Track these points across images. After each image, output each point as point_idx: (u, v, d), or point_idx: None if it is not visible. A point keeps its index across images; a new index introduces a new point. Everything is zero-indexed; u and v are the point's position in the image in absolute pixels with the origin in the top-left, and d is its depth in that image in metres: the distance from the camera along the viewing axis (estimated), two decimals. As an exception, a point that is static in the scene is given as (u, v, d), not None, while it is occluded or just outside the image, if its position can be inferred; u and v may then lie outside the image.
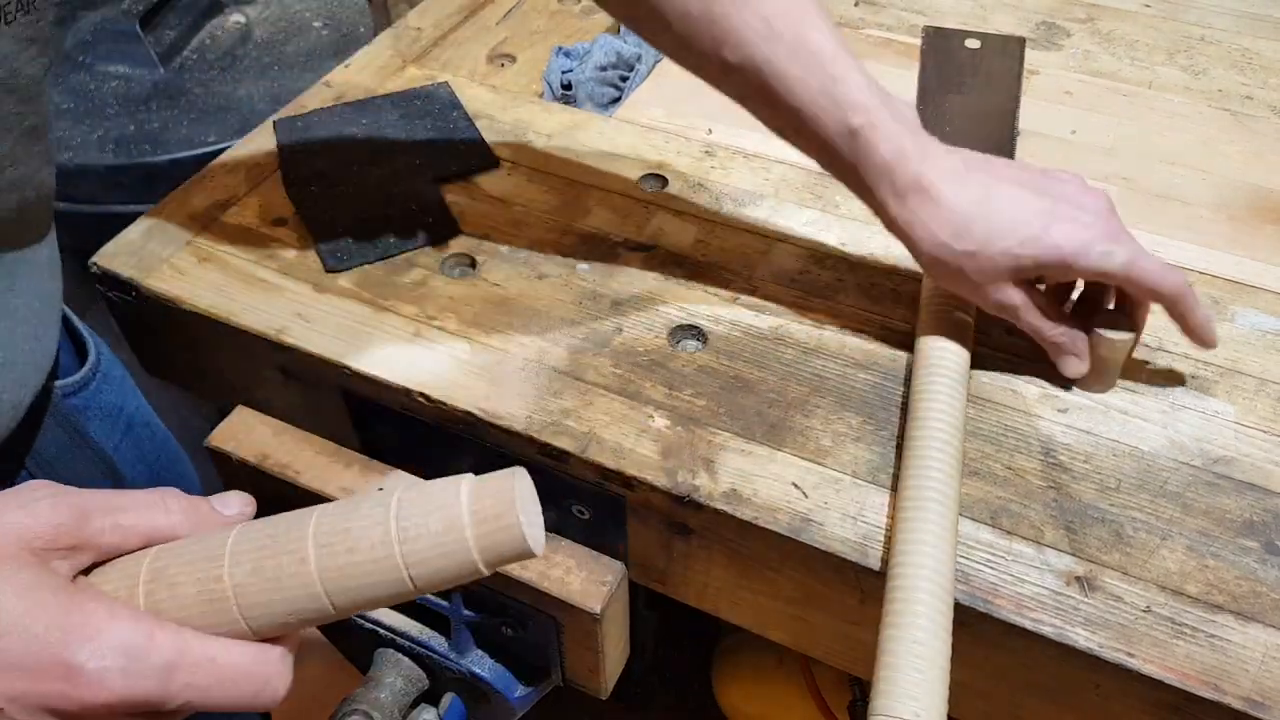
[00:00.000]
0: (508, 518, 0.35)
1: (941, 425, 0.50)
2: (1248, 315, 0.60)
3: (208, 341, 0.62)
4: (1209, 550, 0.48)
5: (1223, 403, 0.55)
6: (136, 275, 0.62)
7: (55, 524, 0.36)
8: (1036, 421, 0.54)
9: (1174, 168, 0.70)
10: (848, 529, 0.49)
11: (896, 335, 0.59)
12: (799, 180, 0.69)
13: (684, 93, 0.77)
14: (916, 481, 0.48)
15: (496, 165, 0.70)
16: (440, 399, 0.55)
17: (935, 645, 0.43)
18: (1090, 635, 0.45)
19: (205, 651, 0.35)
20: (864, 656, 0.53)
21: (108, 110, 1.12)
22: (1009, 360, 0.57)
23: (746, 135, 0.73)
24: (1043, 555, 0.48)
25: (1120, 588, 0.47)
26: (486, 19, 0.85)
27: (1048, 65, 0.79)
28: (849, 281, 0.62)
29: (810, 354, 0.58)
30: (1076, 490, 0.51)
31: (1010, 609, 0.46)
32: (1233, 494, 0.51)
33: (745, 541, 0.51)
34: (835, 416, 0.54)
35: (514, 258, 0.63)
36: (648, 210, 0.67)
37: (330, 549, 0.36)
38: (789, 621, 0.55)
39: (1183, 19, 0.84)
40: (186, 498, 0.40)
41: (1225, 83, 0.77)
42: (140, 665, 0.34)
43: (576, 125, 0.74)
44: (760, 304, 0.60)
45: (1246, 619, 0.46)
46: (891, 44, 0.82)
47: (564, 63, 0.80)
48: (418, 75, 0.79)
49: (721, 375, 0.56)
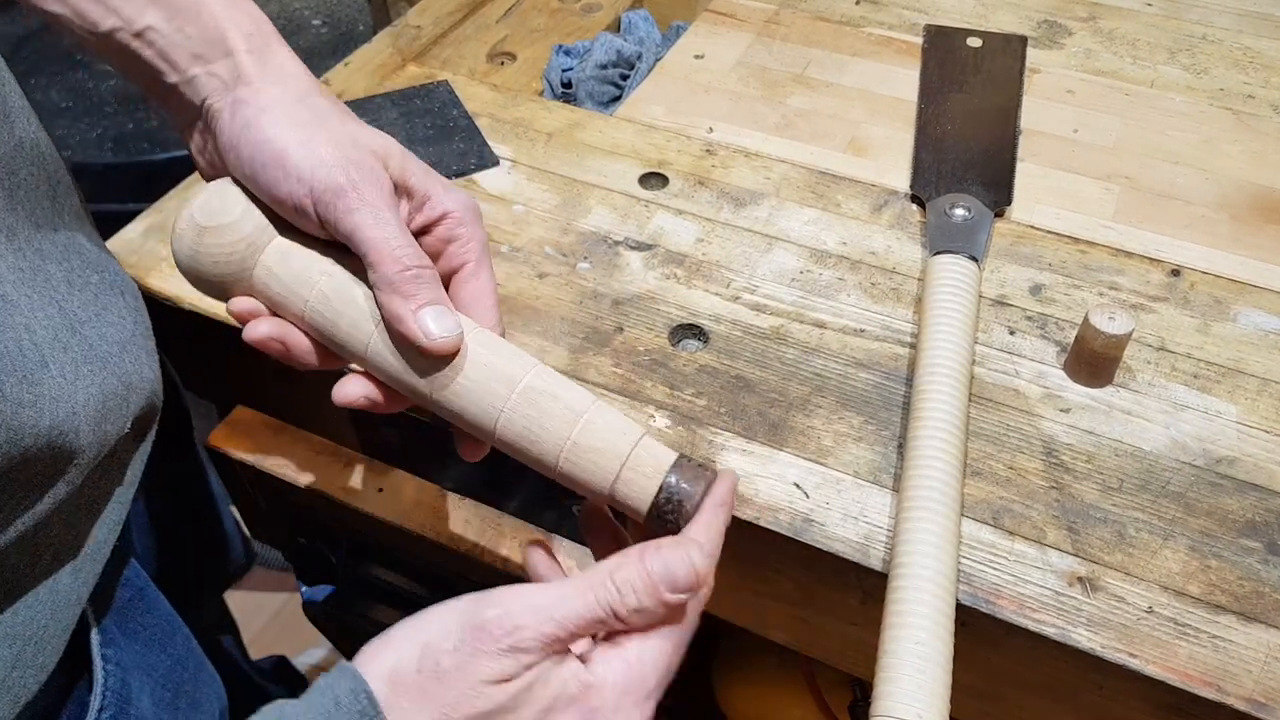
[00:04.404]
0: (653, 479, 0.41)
1: (943, 425, 0.50)
2: (1250, 315, 0.60)
3: (207, 341, 0.62)
4: (1211, 551, 0.48)
5: (1225, 403, 0.55)
6: (136, 274, 0.62)
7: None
8: (1038, 421, 0.54)
9: (1176, 167, 0.70)
10: (849, 529, 0.49)
11: (897, 335, 0.58)
12: (800, 179, 0.69)
13: (685, 92, 0.77)
14: (918, 482, 0.48)
15: (496, 164, 0.70)
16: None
17: (937, 646, 0.42)
18: (1092, 636, 0.45)
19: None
20: (865, 657, 0.53)
21: (106, 109, 1.12)
22: (1011, 360, 0.57)
23: (747, 134, 0.73)
24: (1045, 556, 0.48)
25: (1122, 588, 0.47)
26: (487, 17, 0.85)
27: (1049, 64, 0.79)
28: (850, 281, 0.62)
29: (811, 354, 0.57)
30: (1079, 490, 0.51)
31: (1012, 610, 0.46)
32: (1235, 494, 0.51)
33: (746, 542, 0.51)
34: (836, 416, 0.54)
35: (514, 256, 0.63)
36: (648, 209, 0.67)
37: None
38: (790, 622, 0.54)
39: (1185, 18, 0.84)
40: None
41: (1227, 82, 0.77)
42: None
43: (577, 124, 0.74)
44: (761, 303, 0.60)
45: (1249, 619, 0.46)
46: (893, 42, 0.82)
47: (564, 61, 0.80)
48: (417, 74, 0.78)
49: (722, 375, 0.56)
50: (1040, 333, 0.59)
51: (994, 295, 0.61)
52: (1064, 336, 0.58)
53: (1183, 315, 0.60)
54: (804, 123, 0.74)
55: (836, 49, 0.81)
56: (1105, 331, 0.53)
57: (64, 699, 0.49)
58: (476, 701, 0.35)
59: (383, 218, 0.41)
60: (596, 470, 0.41)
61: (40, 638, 0.44)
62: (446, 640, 0.36)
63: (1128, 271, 0.62)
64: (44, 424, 0.39)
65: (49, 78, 1.18)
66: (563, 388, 0.42)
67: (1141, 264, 0.63)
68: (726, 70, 0.79)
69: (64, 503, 0.43)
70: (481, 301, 0.45)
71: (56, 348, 0.42)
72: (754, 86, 0.77)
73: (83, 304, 0.47)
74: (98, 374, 0.45)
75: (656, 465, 0.41)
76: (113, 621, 0.54)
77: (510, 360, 0.42)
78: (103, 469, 0.47)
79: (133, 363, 0.48)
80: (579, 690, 0.37)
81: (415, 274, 0.41)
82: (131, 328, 0.50)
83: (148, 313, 0.53)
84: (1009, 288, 0.61)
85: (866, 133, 0.73)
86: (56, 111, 1.11)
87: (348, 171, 0.42)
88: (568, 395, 0.41)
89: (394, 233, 0.41)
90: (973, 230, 0.62)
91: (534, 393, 0.41)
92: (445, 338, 0.41)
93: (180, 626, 0.61)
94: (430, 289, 0.42)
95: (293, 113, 0.43)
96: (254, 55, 0.45)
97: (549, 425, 0.41)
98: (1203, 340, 0.58)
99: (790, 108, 0.75)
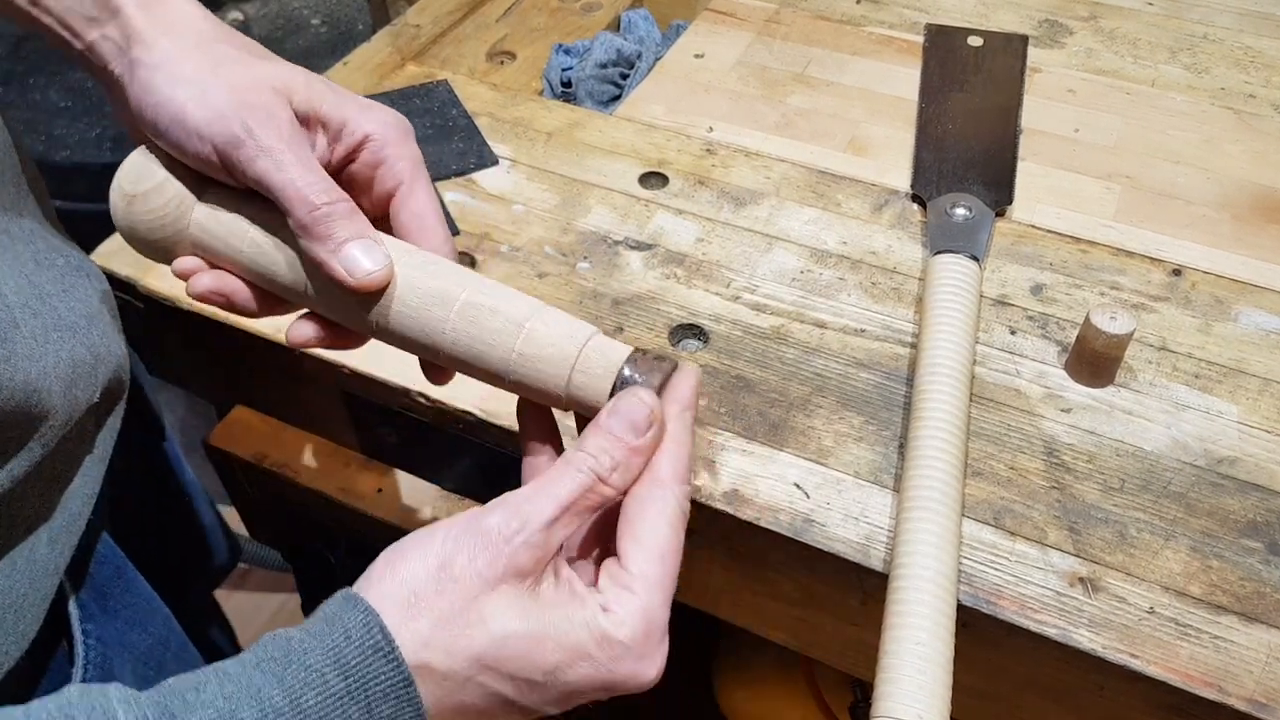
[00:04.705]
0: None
1: (944, 425, 0.50)
2: (1251, 315, 0.60)
3: (206, 341, 0.62)
4: (1213, 551, 0.48)
5: (1226, 403, 0.55)
6: (135, 274, 0.62)
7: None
8: (1039, 421, 0.54)
9: (1177, 166, 0.70)
10: (850, 529, 0.49)
11: (898, 335, 0.58)
12: (800, 179, 0.69)
13: (685, 91, 0.77)
14: (919, 482, 0.48)
15: (496, 163, 0.70)
16: (440, 399, 0.55)
17: (937, 646, 0.42)
18: (1094, 636, 0.45)
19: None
20: (866, 658, 0.53)
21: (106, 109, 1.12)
22: (1012, 360, 0.57)
23: (748, 134, 0.73)
24: (1046, 556, 0.48)
25: (1124, 589, 0.47)
26: (486, 16, 0.85)
27: (1050, 63, 0.79)
28: (850, 281, 0.62)
29: (812, 353, 0.57)
30: (1080, 491, 0.51)
31: (1013, 610, 0.46)
32: (1236, 494, 0.51)
33: (746, 542, 0.51)
34: (837, 416, 0.54)
35: (514, 256, 0.63)
36: (648, 209, 0.67)
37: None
38: (790, 622, 0.54)
39: (1185, 17, 0.84)
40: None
41: (1228, 81, 0.77)
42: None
43: (576, 123, 0.73)
44: (761, 303, 0.60)
45: (1250, 620, 0.46)
46: (893, 41, 0.81)
47: (564, 60, 0.80)
48: (417, 73, 0.78)
49: (723, 375, 0.56)
50: (1041, 332, 0.59)
51: (995, 295, 0.61)
52: (1065, 336, 0.58)
53: (1184, 315, 0.60)
54: (804, 122, 0.74)
55: (837, 48, 0.81)
56: (1106, 331, 0.53)
57: (45, 670, 0.50)
58: (497, 615, 0.34)
59: (283, 160, 0.40)
60: (546, 379, 0.39)
61: (20, 605, 0.44)
62: (460, 554, 0.35)
63: (1129, 271, 0.62)
64: (18, 380, 0.40)
65: (49, 78, 1.17)
66: (503, 299, 0.40)
67: (1143, 264, 0.63)
68: (726, 69, 0.79)
69: (38, 466, 0.44)
70: (424, 221, 0.43)
71: (27, 313, 0.43)
72: (754, 86, 0.77)
73: (50, 280, 0.47)
74: (66, 341, 0.45)
75: (608, 364, 0.39)
76: (91, 598, 0.55)
77: (445, 279, 0.41)
78: (74, 437, 0.47)
79: (100, 336, 0.48)
80: (598, 637, 0.36)
81: (325, 213, 0.40)
82: (98, 305, 0.50)
83: (114, 299, 0.53)
84: (1010, 287, 0.61)
85: (867, 132, 0.73)
86: (56, 111, 1.11)
87: (242, 119, 0.40)
88: (508, 306, 0.40)
89: (297, 174, 0.40)
90: (973, 230, 0.62)
91: (472, 309, 0.40)
92: (370, 274, 0.40)
93: (161, 608, 0.61)
94: (346, 224, 0.40)
95: (187, 65, 0.41)
96: (143, 9, 0.42)
97: (492, 340, 0.40)
98: (1204, 340, 0.58)
99: (790, 107, 0.75)
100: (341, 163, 0.43)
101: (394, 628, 0.33)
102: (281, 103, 0.41)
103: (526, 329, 0.40)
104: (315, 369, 0.58)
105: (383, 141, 0.43)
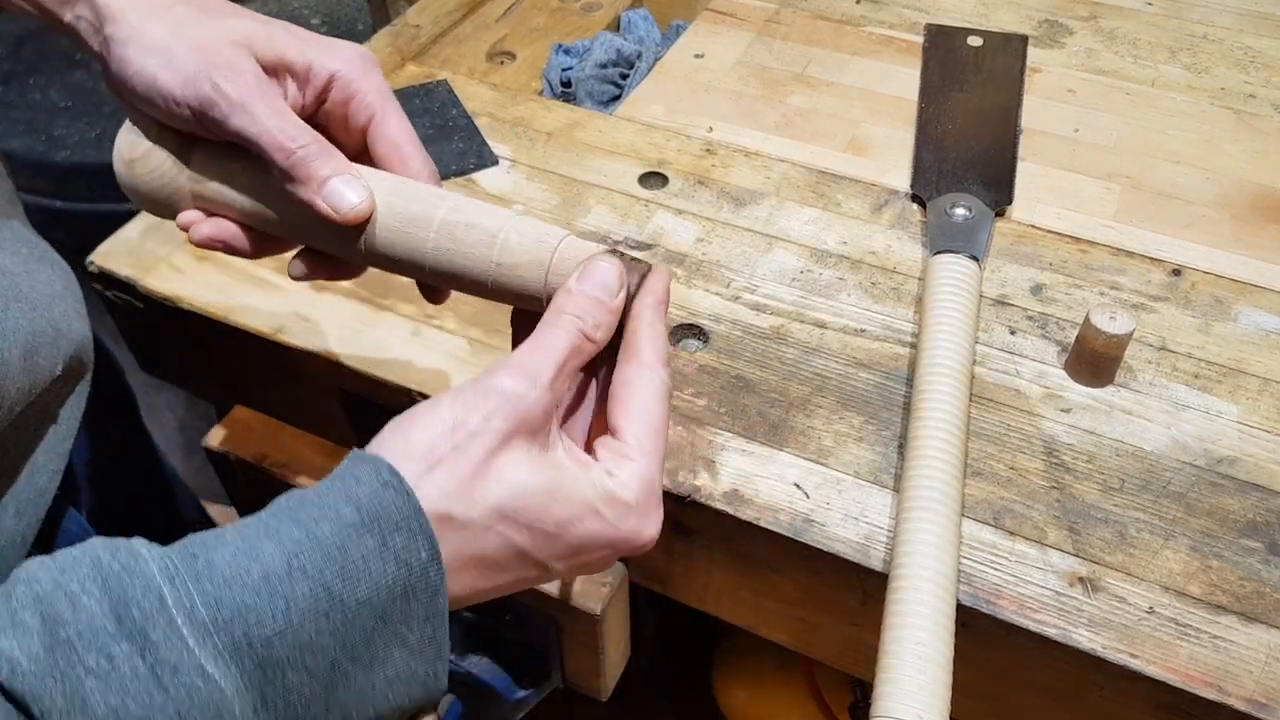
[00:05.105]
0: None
1: (944, 425, 0.50)
2: (1251, 315, 0.60)
3: (206, 341, 0.62)
4: (1212, 551, 0.48)
5: (1226, 403, 0.55)
6: (134, 274, 0.62)
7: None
8: (1039, 421, 0.54)
9: (1177, 166, 0.70)
10: (849, 529, 0.49)
11: (898, 335, 0.58)
12: (800, 179, 0.69)
13: (684, 91, 0.77)
14: (919, 482, 0.48)
15: (496, 163, 0.70)
16: (440, 399, 0.55)
17: (937, 646, 0.42)
18: (1093, 636, 0.45)
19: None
20: (866, 658, 0.53)
21: (105, 108, 1.12)
22: (1012, 360, 0.57)
23: (747, 134, 0.73)
24: (1046, 556, 0.48)
25: (1123, 589, 0.47)
26: (486, 16, 0.85)
27: (1050, 63, 0.79)
28: (850, 281, 0.62)
29: (811, 354, 0.57)
30: (1079, 491, 0.51)
31: (1013, 610, 0.46)
32: (1236, 494, 0.51)
33: (746, 542, 0.51)
34: (837, 416, 0.54)
35: (514, 256, 0.63)
36: (648, 209, 0.67)
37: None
38: (790, 622, 0.54)
39: (1185, 17, 0.84)
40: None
41: (1228, 81, 0.77)
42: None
43: (576, 123, 0.73)
44: (761, 303, 0.60)
45: (1250, 620, 0.46)
46: (893, 41, 0.81)
47: (564, 60, 0.80)
48: (416, 73, 0.78)
49: (723, 375, 0.56)
50: (1041, 332, 0.59)
51: (995, 295, 0.61)
52: (1065, 336, 0.58)
53: (1184, 315, 0.60)
54: (804, 122, 0.74)
55: (837, 48, 0.81)
56: (1106, 331, 0.53)
57: None
58: (517, 473, 0.36)
59: (254, 113, 0.41)
60: (525, 285, 0.41)
61: None
62: (473, 414, 0.36)
63: (1129, 271, 0.62)
64: None
65: (49, 77, 1.17)
66: (479, 214, 0.42)
67: (1142, 263, 0.63)
68: (726, 69, 0.79)
69: (1, 434, 0.44)
70: (400, 149, 0.45)
71: None
72: (754, 86, 0.77)
73: (13, 263, 0.48)
74: (26, 314, 0.46)
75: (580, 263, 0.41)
76: None
77: (423, 201, 0.43)
78: (37, 408, 0.48)
79: (62, 314, 0.50)
80: (605, 496, 0.37)
81: (302, 155, 0.41)
82: (61, 290, 0.51)
83: (80, 290, 0.54)
84: (1010, 287, 0.61)
85: (867, 132, 0.73)
86: (56, 111, 1.11)
87: (210, 78, 0.41)
88: (483, 220, 0.42)
89: (271, 123, 0.41)
90: (973, 230, 0.62)
91: (450, 226, 0.42)
92: (354, 207, 0.41)
93: None
94: (324, 161, 0.42)
95: (152, 33, 0.42)
96: None
97: (472, 254, 0.41)
98: (1204, 340, 0.58)
99: (790, 107, 0.75)
100: (314, 104, 0.45)
101: (413, 480, 0.34)
102: (244, 55, 0.42)
103: (500, 241, 0.41)
104: (315, 369, 0.58)
105: (348, 77, 0.44)
